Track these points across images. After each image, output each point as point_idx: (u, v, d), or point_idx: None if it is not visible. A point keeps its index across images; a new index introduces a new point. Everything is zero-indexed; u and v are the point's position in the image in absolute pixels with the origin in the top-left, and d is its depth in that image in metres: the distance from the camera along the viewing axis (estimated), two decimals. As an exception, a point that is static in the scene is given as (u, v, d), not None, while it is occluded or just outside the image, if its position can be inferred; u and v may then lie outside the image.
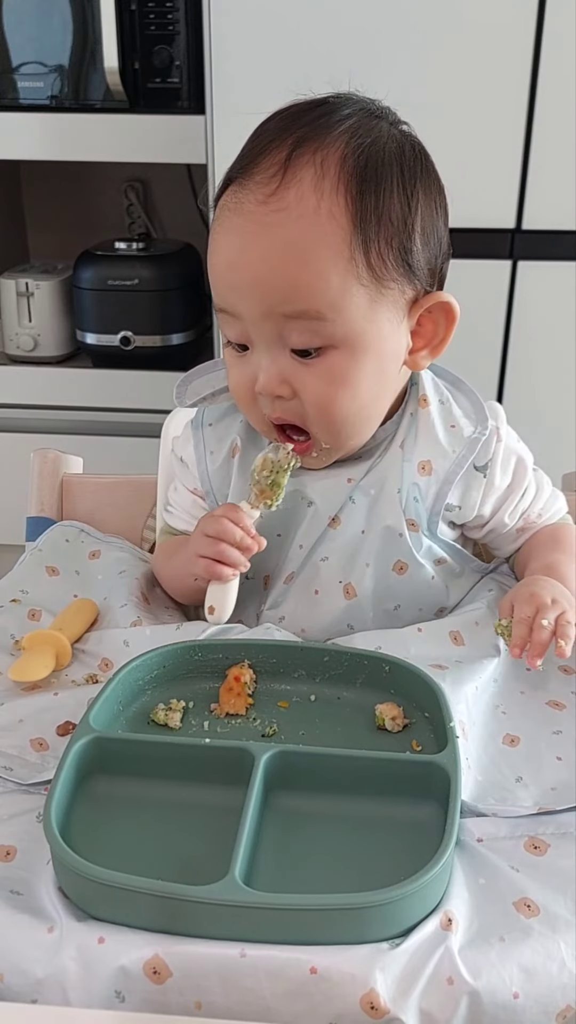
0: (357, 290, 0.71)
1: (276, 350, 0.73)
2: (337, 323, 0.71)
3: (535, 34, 1.46)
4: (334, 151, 0.70)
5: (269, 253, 0.70)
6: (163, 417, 1.03)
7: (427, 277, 0.75)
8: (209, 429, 0.87)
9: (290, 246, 0.69)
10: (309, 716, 0.70)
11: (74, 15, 1.70)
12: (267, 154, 0.71)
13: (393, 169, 0.71)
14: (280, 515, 0.82)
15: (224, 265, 0.73)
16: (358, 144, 0.70)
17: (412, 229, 0.72)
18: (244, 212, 0.71)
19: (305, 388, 0.74)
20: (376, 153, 0.71)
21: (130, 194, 2.13)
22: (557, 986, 0.51)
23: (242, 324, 0.74)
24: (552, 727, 0.70)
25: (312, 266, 0.69)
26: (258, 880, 0.54)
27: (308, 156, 0.70)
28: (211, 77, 1.54)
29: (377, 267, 0.71)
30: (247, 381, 0.76)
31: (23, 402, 1.92)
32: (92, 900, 0.53)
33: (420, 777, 0.61)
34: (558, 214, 1.54)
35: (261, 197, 0.70)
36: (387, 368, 0.76)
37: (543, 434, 0.86)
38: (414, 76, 1.46)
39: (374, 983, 0.49)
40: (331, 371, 0.73)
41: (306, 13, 1.49)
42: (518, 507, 0.84)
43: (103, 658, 0.78)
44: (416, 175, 0.73)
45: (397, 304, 0.74)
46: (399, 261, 0.72)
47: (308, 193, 0.69)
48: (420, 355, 0.78)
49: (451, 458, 0.80)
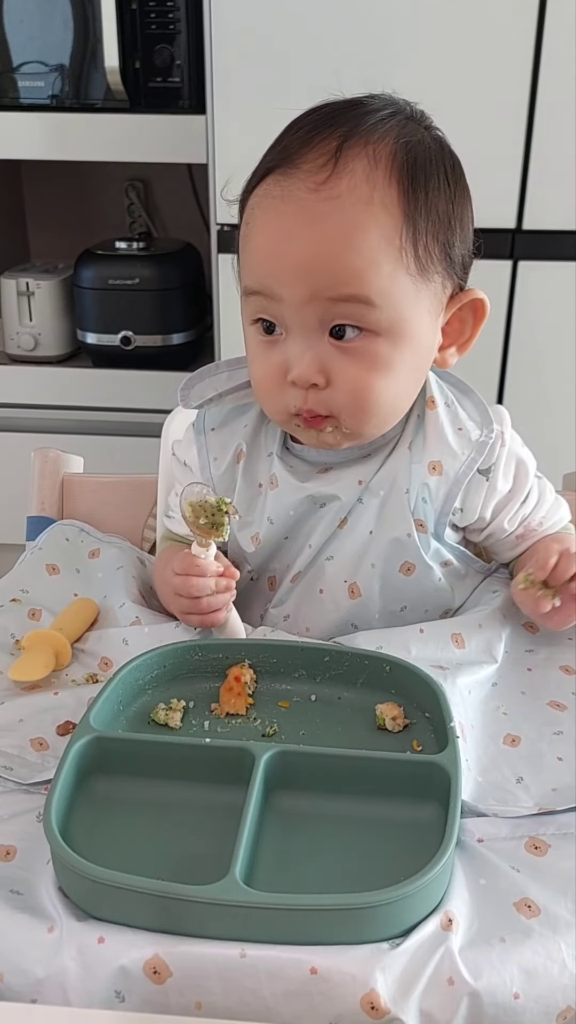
0: (404, 279, 0.72)
1: (314, 336, 0.73)
2: (384, 310, 0.72)
3: (535, 34, 1.46)
4: (384, 145, 0.71)
5: (321, 239, 0.70)
6: (163, 417, 1.03)
7: (463, 273, 0.77)
8: (212, 434, 0.86)
9: (343, 232, 0.70)
10: (309, 716, 0.70)
11: (75, 14, 1.70)
12: (315, 145, 0.71)
13: (439, 166, 0.73)
14: (289, 519, 0.82)
15: (268, 249, 0.73)
16: (406, 141, 0.72)
17: (455, 225, 0.74)
18: (293, 199, 0.71)
19: (343, 374, 0.73)
20: (423, 151, 0.73)
21: (131, 193, 2.13)
22: (558, 987, 0.51)
23: (279, 308, 0.73)
24: (553, 727, 0.70)
25: (364, 253, 0.70)
26: (258, 880, 0.54)
27: (359, 148, 0.71)
28: (212, 77, 1.54)
29: (424, 259, 0.72)
30: (276, 370, 0.75)
31: (23, 402, 1.92)
32: (92, 900, 0.53)
33: (420, 777, 0.61)
34: (558, 214, 1.54)
35: (312, 185, 0.70)
36: (423, 361, 0.77)
37: (543, 434, 0.86)
38: (414, 76, 1.46)
39: (374, 983, 0.49)
40: (371, 357, 0.74)
41: (307, 13, 1.49)
42: (518, 513, 0.84)
43: (103, 657, 0.78)
44: (457, 174, 0.76)
45: (437, 297, 0.75)
46: (443, 255, 0.74)
47: (361, 183, 0.70)
48: (448, 352, 0.79)
49: (460, 459, 0.80)
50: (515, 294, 1.59)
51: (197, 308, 1.93)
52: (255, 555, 0.85)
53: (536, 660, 0.77)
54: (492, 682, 0.75)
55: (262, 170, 0.74)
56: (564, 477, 0.99)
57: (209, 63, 1.54)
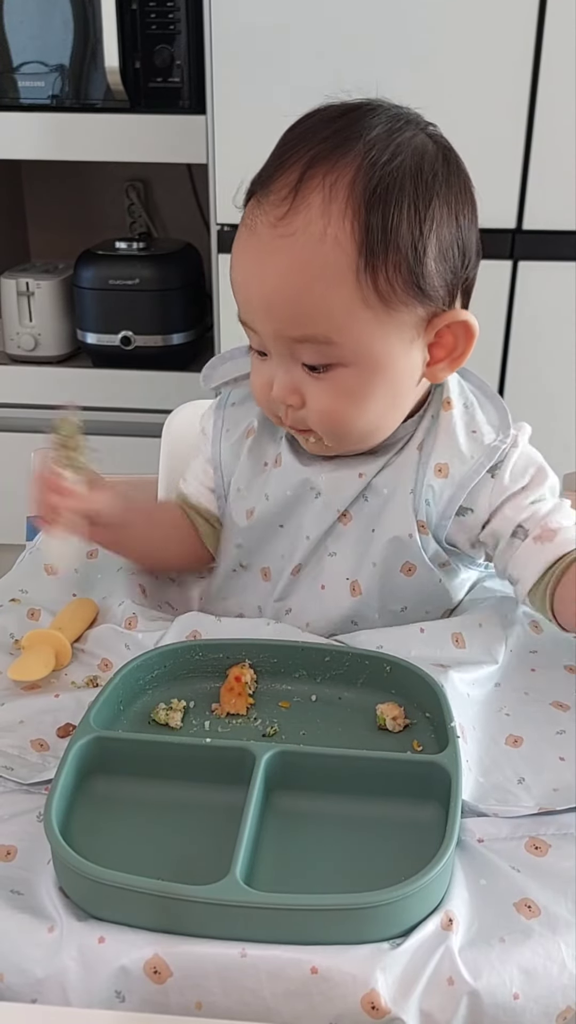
0: (364, 314, 0.71)
1: (289, 363, 0.74)
2: (345, 346, 0.72)
3: (536, 34, 1.46)
4: (345, 173, 0.69)
5: (275, 278, 0.71)
6: (163, 417, 1.03)
7: (444, 296, 0.73)
8: (231, 409, 0.89)
9: (295, 272, 0.70)
10: (310, 716, 0.70)
11: (75, 14, 1.70)
12: (283, 171, 0.71)
13: (406, 190, 0.70)
14: (283, 506, 0.83)
15: (239, 283, 0.75)
16: (372, 164, 0.69)
17: (423, 253, 0.71)
18: (257, 233, 0.72)
19: (314, 399, 0.75)
20: (390, 173, 0.69)
21: (131, 194, 2.13)
22: (557, 987, 0.51)
23: (259, 337, 0.75)
24: (555, 727, 0.69)
25: (316, 292, 0.70)
26: (258, 880, 0.54)
27: (319, 179, 0.69)
28: (212, 77, 1.54)
29: (385, 292, 0.70)
30: (265, 384, 0.77)
31: (23, 402, 1.92)
32: (92, 900, 0.53)
33: (421, 777, 0.61)
34: (558, 214, 1.54)
35: (272, 220, 0.70)
36: (400, 386, 0.76)
37: (543, 434, 0.85)
38: (414, 76, 1.46)
39: (375, 983, 0.49)
40: (340, 387, 0.74)
41: (306, 13, 1.49)
42: (529, 508, 0.79)
43: (103, 658, 0.78)
44: (434, 191, 0.71)
45: (408, 324, 0.73)
46: (409, 285, 0.71)
47: (316, 218, 0.69)
48: (439, 367, 0.77)
49: (469, 463, 0.79)
50: (515, 294, 1.59)
51: (197, 308, 1.93)
52: (247, 533, 0.85)
53: (540, 661, 0.77)
54: (495, 683, 0.75)
55: (249, 188, 0.74)
56: (564, 477, 0.99)
57: (209, 63, 1.54)
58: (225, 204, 1.61)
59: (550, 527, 0.78)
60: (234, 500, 0.86)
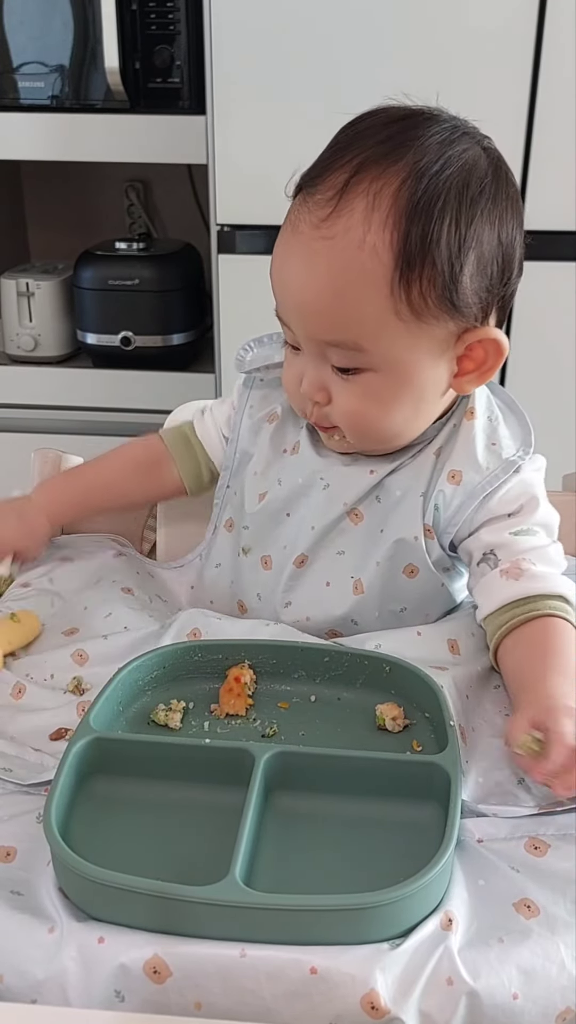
0: (396, 325, 0.71)
1: (319, 362, 0.75)
2: (374, 353, 0.72)
3: (535, 34, 1.46)
4: (391, 182, 0.68)
5: (312, 281, 0.71)
6: (163, 417, 1.03)
7: (477, 312, 0.73)
8: (257, 391, 0.90)
9: (331, 277, 0.70)
10: (309, 717, 0.70)
11: (75, 15, 1.70)
12: (332, 172, 0.70)
13: (450, 204, 0.69)
14: (293, 494, 0.84)
15: (277, 279, 0.75)
16: (420, 175, 0.68)
17: (460, 270, 0.70)
18: (299, 232, 0.72)
19: (340, 399, 0.76)
20: (436, 186, 0.69)
21: (130, 194, 2.13)
22: (556, 988, 0.51)
23: (294, 335, 0.76)
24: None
25: (349, 299, 0.70)
26: (258, 880, 0.54)
27: (365, 185, 0.69)
28: (211, 77, 1.54)
29: (418, 305, 0.70)
30: (296, 377, 0.78)
31: (23, 402, 1.92)
32: (92, 900, 0.53)
33: (420, 777, 0.61)
34: (558, 214, 1.54)
35: (315, 221, 0.70)
36: (426, 395, 0.76)
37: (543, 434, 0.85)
38: (414, 76, 1.45)
39: (374, 983, 0.49)
40: (366, 391, 0.74)
41: (306, 13, 1.49)
42: (506, 536, 0.77)
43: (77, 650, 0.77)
44: (479, 207, 0.71)
45: (438, 338, 0.73)
46: (442, 300, 0.71)
47: (357, 224, 0.69)
48: (466, 379, 0.77)
49: (483, 474, 0.79)
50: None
51: (197, 309, 1.93)
52: (255, 516, 0.86)
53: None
54: (495, 685, 0.75)
55: (299, 183, 0.74)
56: (564, 477, 0.99)
57: (209, 63, 1.54)
58: (225, 204, 1.61)
59: (520, 566, 0.76)
60: (251, 483, 0.87)
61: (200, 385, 1.84)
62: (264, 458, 0.87)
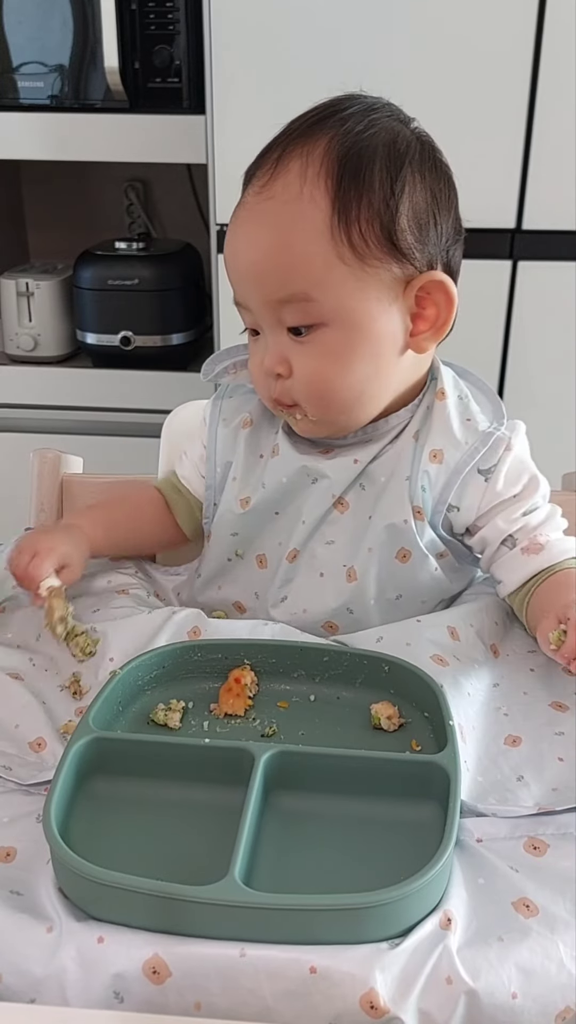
0: (341, 269, 0.73)
1: (277, 332, 0.77)
2: (324, 303, 0.74)
3: (535, 34, 1.46)
4: (320, 142, 0.74)
5: (259, 240, 0.75)
6: (163, 417, 1.03)
7: (422, 260, 0.76)
8: (228, 400, 0.91)
9: (276, 231, 0.74)
10: (309, 716, 0.70)
11: (74, 15, 1.70)
12: (267, 154, 0.76)
13: (379, 153, 0.74)
14: (281, 494, 0.84)
15: (230, 259, 0.78)
16: (346, 132, 0.74)
17: (396, 210, 0.74)
18: (244, 206, 0.77)
19: (301, 365, 0.77)
20: (362, 141, 0.74)
21: (130, 194, 2.13)
22: (556, 987, 0.51)
23: (251, 314, 0.78)
24: (555, 728, 0.70)
25: (296, 248, 0.73)
26: (258, 880, 0.54)
27: (297, 150, 0.74)
28: (211, 77, 1.54)
29: (359, 247, 0.73)
30: (259, 363, 0.80)
31: (23, 402, 1.92)
32: (92, 900, 0.53)
33: (420, 777, 0.61)
34: (558, 214, 1.54)
35: (257, 189, 0.75)
36: (383, 349, 0.77)
37: (543, 434, 0.85)
38: (414, 76, 1.46)
39: (374, 983, 0.49)
40: (323, 348, 0.76)
41: (306, 13, 1.49)
42: (520, 520, 0.81)
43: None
44: (406, 159, 0.75)
45: (384, 283, 0.75)
46: (382, 241, 0.74)
47: (294, 181, 0.73)
48: (422, 337, 0.79)
49: (463, 449, 0.81)
50: (515, 294, 1.59)
51: (197, 308, 1.93)
52: (243, 520, 0.86)
53: (539, 661, 0.78)
54: (494, 683, 0.75)
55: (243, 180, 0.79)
56: (564, 477, 0.99)
57: (209, 63, 1.54)
58: (225, 204, 1.61)
59: (538, 540, 0.81)
60: (230, 489, 0.87)
61: (199, 385, 1.83)
62: (242, 463, 0.87)
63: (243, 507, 0.86)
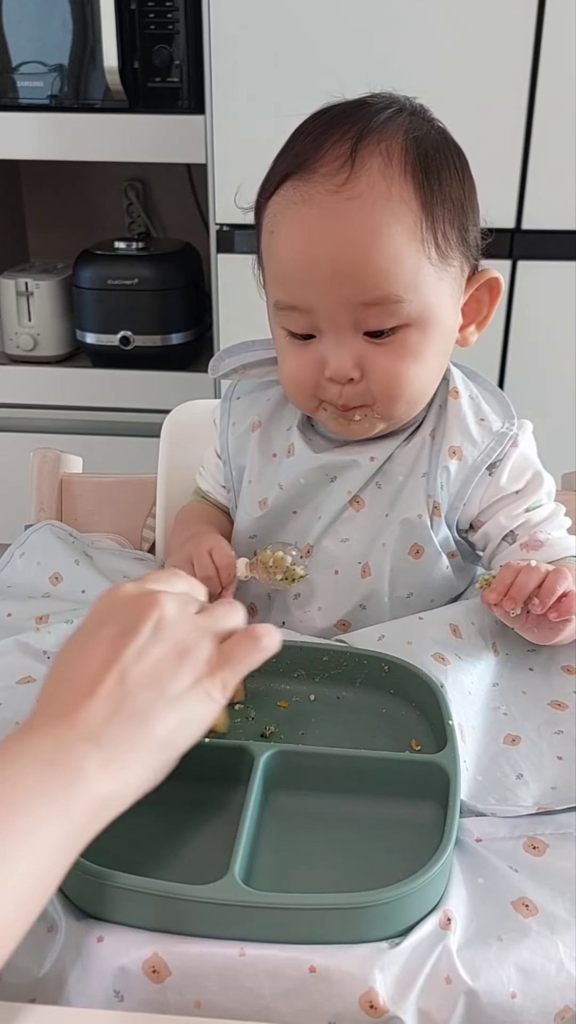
0: (428, 269, 0.74)
1: (349, 336, 0.75)
2: (413, 303, 0.74)
3: (535, 34, 1.46)
4: (395, 141, 0.73)
5: (347, 240, 0.72)
6: (163, 417, 1.03)
7: (477, 253, 0.79)
8: (236, 402, 0.90)
9: (367, 231, 0.71)
10: (308, 716, 0.70)
11: (74, 15, 1.70)
12: (329, 148, 0.72)
13: (448, 154, 0.75)
14: (298, 494, 0.84)
15: (297, 259, 0.74)
16: (415, 136, 0.74)
17: (467, 209, 0.76)
18: (315, 203, 0.72)
19: (376, 366, 0.76)
20: (431, 143, 0.74)
21: (130, 194, 2.13)
22: (555, 986, 0.51)
23: (311, 317, 0.75)
24: (554, 727, 0.70)
25: (389, 251, 0.72)
26: (257, 880, 0.54)
27: (373, 146, 0.72)
28: (211, 77, 1.54)
29: (443, 246, 0.74)
30: (310, 368, 0.77)
31: (23, 402, 1.92)
32: (92, 899, 0.53)
33: (419, 777, 0.61)
34: (558, 214, 1.54)
35: (333, 187, 0.71)
36: (447, 343, 0.79)
37: (543, 433, 0.85)
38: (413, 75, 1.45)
39: (373, 982, 0.49)
40: (404, 348, 0.75)
41: (306, 13, 1.49)
42: (522, 516, 0.82)
43: None
44: (463, 161, 0.77)
45: (456, 281, 0.77)
46: (460, 239, 0.75)
47: (378, 180, 0.71)
48: (468, 331, 0.81)
49: (480, 447, 0.81)
50: (514, 294, 1.59)
51: (196, 308, 1.93)
52: (261, 522, 0.86)
53: (538, 660, 0.78)
54: (493, 682, 0.75)
55: (277, 176, 0.75)
56: (563, 477, 0.99)
57: (208, 63, 1.54)
58: (224, 204, 1.61)
59: (538, 537, 0.81)
60: (246, 492, 0.87)
61: (199, 385, 1.84)
62: (256, 465, 0.87)
63: (261, 508, 0.86)
